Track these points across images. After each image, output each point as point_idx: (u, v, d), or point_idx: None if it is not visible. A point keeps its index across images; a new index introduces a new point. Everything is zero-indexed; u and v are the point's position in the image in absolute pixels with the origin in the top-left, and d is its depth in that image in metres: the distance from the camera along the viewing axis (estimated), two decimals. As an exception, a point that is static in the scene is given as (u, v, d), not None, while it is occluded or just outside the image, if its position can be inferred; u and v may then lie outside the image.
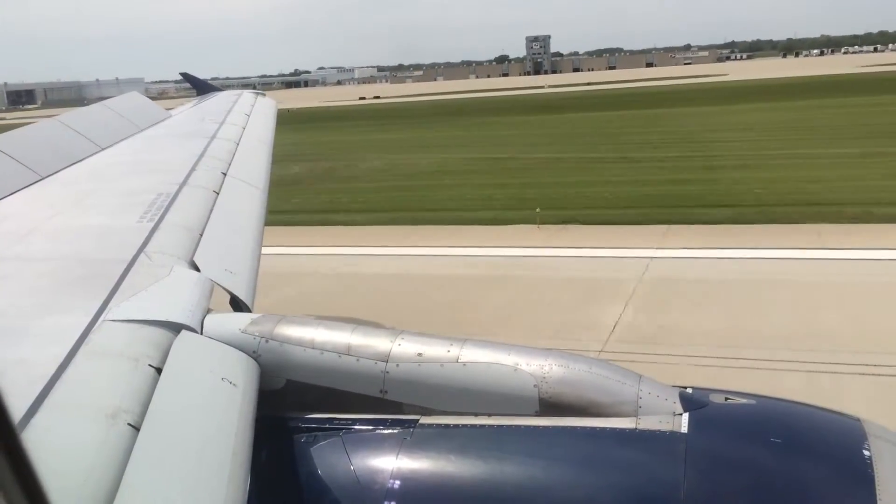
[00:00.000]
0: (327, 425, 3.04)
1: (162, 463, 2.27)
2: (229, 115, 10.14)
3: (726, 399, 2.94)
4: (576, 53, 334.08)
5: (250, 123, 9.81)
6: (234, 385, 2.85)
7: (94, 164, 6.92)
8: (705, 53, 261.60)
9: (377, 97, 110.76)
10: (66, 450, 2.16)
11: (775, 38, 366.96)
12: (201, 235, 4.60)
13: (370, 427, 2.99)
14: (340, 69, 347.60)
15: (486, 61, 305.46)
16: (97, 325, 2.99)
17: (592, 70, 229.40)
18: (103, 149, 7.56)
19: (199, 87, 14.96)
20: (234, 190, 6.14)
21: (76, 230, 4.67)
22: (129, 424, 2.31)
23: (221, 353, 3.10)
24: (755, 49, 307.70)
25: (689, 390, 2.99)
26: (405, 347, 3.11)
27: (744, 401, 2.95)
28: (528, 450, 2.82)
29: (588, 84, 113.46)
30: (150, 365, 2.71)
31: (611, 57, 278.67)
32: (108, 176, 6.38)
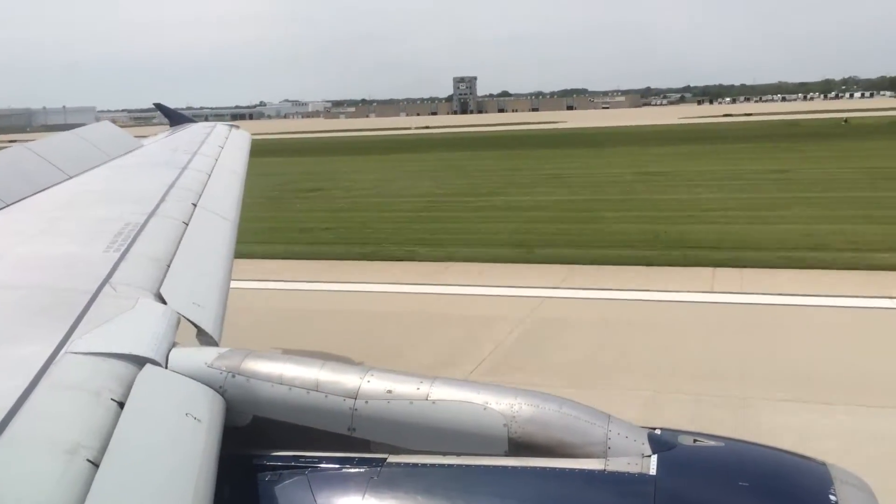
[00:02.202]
0: (293, 463, 2.98)
1: (121, 500, 2.20)
2: (202, 146, 10.10)
3: (695, 441, 2.95)
4: (505, 94, 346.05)
5: (223, 155, 9.77)
6: (198, 420, 2.79)
7: (62, 192, 6.82)
8: (622, 98, 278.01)
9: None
10: (23, 485, 2.09)
11: (736, 83, 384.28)
12: (168, 267, 4.53)
13: (337, 465, 2.94)
14: (296, 103, 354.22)
15: (430, 99, 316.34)
16: (59, 357, 2.91)
17: (516, 111, 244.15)
18: (72, 177, 7.46)
19: (173, 118, 14.90)
20: (204, 221, 6.08)
21: (39, 259, 4.58)
22: (89, 460, 2.24)
23: (186, 388, 3.04)
24: (708, 94, 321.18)
25: (658, 431, 2.99)
26: (374, 384, 3.08)
27: (712, 443, 2.96)
28: (496, 490, 2.79)
29: (446, 127, 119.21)
30: (112, 399, 2.64)
31: (534, 99, 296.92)
32: (75, 204, 6.29)
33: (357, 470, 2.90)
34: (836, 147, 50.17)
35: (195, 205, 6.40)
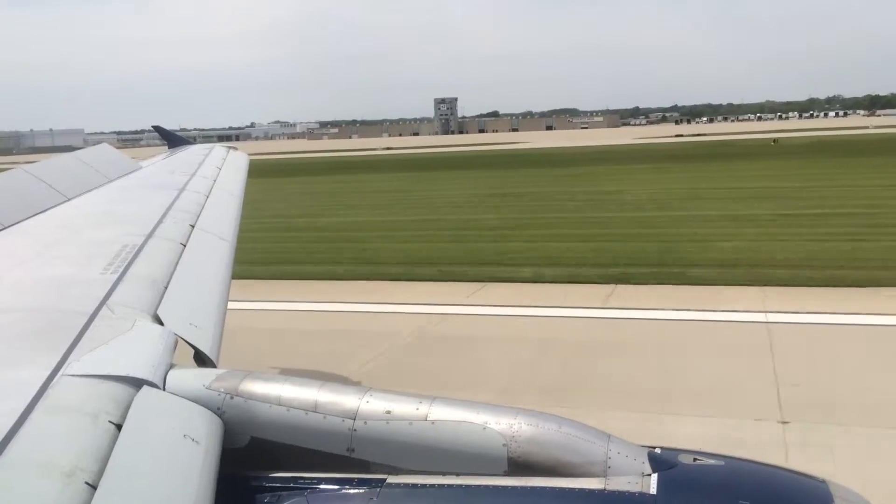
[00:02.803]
0: (292, 484, 2.96)
1: None
2: (200, 167, 10.12)
3: (694, 459, 2.94)
4: (494, 113, 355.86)
5: (221, 176, 9.79)
6: (196, 442, 2.77)
7: (60, 214, 6.82)
8: (601, 119, 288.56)
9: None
10: None
11: (724, 102, 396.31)
12: (166, 288, 4.53)
13: (336, 486, 2.93)
14: (285, 124, 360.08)
15: (413, 119, 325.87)
16: (56, 379, 2.90)
17: (496, 131, 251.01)
18: (69, 199, 7.47)
19: (171, 140, 14.93)
20: (202, 242, 6.08)
21: (37, 281, 4.57)
22: (87, 483, 2.23)
23: (184, 410, 3.03)
24: (694, 113, 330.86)
25: (658, 450, 2.99)
26: (373, 405, 3.07)
27: (712, 461, 2.95)
28: None
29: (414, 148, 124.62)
30: (109, 421, 2.63)
31: (514, 119, 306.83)
32: (73, 226, 6.29)
33: (356, 491, 2.88)
34: (710, 168, 54.33)
35: (193, 226, 6.41)
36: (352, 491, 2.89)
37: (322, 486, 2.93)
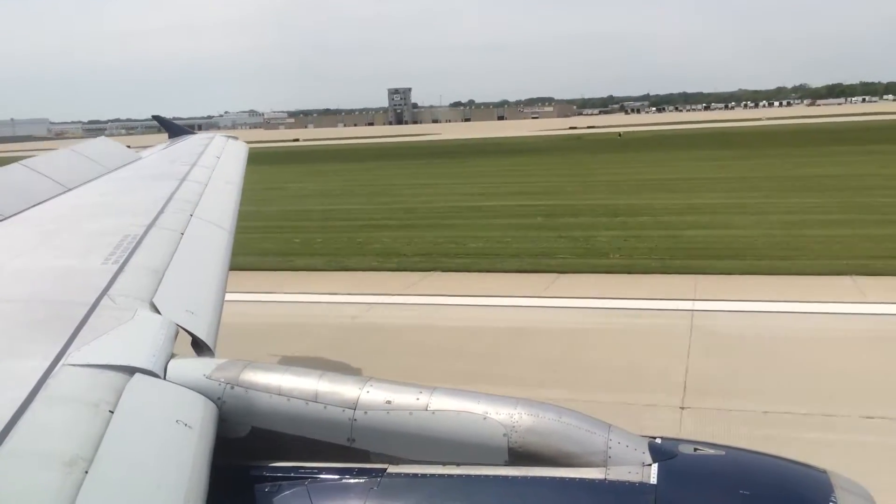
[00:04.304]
0: (292, 474, 2.97)
1: None
2: (201, 157, 10.11)
3: (695, 449, 2.95)
4: (471, 102, 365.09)
5: (220, 165, 9.78)
6: (189, 427, 2.78)
7: (60, 205, 6.82)
8: (550, 109, 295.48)
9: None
10: (21, 498, 2.09)
11: (696, 90, 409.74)
12: (162, 276, 4.52)
13: (336, 476, 2.93)
14: (253, 113, 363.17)
15: (367, 109, 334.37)
16: (56, 369, 2.91)
17: (449, 121, 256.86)
18: (69, 190, 7.46)
19: (171, 130, 14.90)
20: (200, 230, 6.07)
21: (38, 271, 4.57)
22: (87, 472, 2.23)
23: (176, 395, 3.04)
24: (665, 102, 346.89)
25: (658, 440, 2.99)
26: (373, 395, 3.07)
27: (712, 451, 2.96)
28: (496, 500, 2.78)
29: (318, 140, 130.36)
30: (110, 411, 2.63)
31: (465, 109, 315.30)
32: (74, 217, 6.28)
33: (357, 480, 2.89)
34: (507, 162, 58.09)
35: (193, 216, 6.41)
36: (352, 481, 2.89)
37: (322, 476, 2.94)
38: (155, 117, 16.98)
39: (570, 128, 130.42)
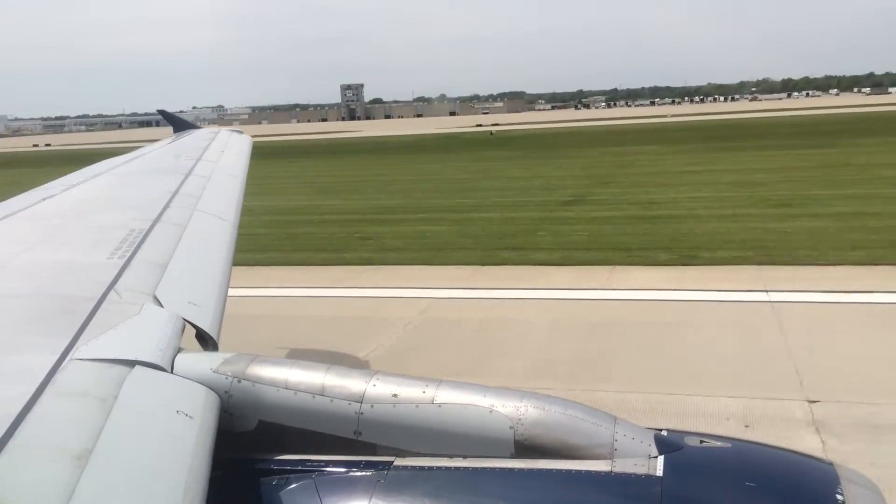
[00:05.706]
0: (299, 467, 2.98)
1: (107, 497, 2.20)
2: (206, 151, 10.12)
3: (701, 442, 2.95)
4: (443, 97, 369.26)
5: (224, 158, 9.80)
6: (190, 417, 2.79)
7: (66, 200, 6.84)
8: (500, 104, 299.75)
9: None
10: (31, 492, 2.10)
11: (665, 84, 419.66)
12: (165, 269, 4.54)
13: (343, 469, 2.94)
14: (218, 108, 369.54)
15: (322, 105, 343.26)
16: (64, 363, 2.92)
17: (402, 117, 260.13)
18: (75, 185, 7.48)
19: (176, 125, 14.88)
20: (203, 223, 6.09)
21: (44, 266, 4.58)
22: (87, 462, 2.24)
23: (179, 387, 3.05)
24: (632, 96, 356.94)
25: (664, 433, 2.99)
26: (380, 388, 3.08)
27: (718, 444, 2.96)
28: (503, 493, 2.79)
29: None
30: None
31: (418, 105, 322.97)
32: (79, 212, 6.29)
33: (364, 473, 2.90)
34: (365, 162, 58.87)
35: (198, 210, 6.42)
36: (359, 473, 2.90)
37: (329, 469, 2.95)
38: (160, 111, 16.96)
39: (477, 125, 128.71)
